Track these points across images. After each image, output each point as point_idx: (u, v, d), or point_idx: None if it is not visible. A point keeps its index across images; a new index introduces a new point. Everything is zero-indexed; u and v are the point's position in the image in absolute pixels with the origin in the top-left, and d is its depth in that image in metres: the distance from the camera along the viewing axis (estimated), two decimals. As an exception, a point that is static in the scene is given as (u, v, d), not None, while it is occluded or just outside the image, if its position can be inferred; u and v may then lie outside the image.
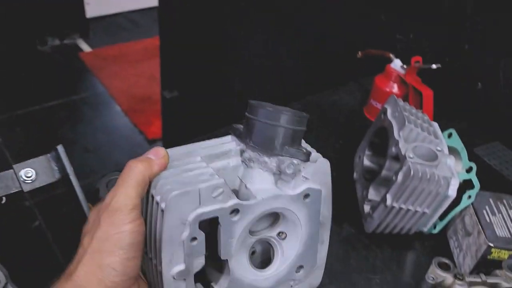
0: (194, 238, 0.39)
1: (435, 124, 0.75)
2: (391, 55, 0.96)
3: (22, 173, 0.49)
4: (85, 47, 3.05)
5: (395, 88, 0.94)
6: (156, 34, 1.91)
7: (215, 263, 0.44)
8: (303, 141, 0.47)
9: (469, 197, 0.67)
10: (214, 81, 1.75)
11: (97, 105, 2.64)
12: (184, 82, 1.90)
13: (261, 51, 1.57)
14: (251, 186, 0.43)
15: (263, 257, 0.48)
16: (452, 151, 0.73)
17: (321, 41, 1.34)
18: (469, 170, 0.70)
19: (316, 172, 0.45)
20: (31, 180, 0.49)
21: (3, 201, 0.50)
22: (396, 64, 0.94)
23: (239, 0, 1.57)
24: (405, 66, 0.93)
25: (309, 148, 0.47)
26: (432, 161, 0.66)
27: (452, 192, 0.65)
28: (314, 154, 0.46)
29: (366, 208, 0.72)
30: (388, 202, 0.65)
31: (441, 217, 0.69)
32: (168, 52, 1.89)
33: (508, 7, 0.92)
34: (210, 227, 0.41)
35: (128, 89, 2.68)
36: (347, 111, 1.02)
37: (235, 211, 0.40)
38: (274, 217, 0.46)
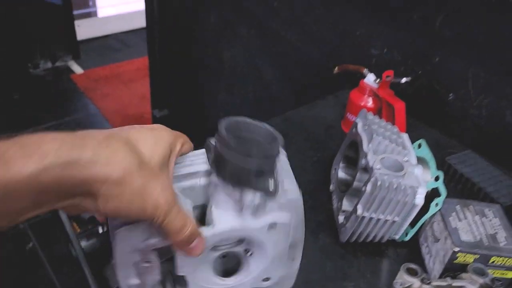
0: (147, 261, 0.41)
1: (404, 136, 0.79)
2: (365, 70, 1.00)
3: None
4: (77, 69, 3.10)
5: (370, 102, 0.98)
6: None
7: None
8: (281, 166, 0.45)
9: (437, 204, 0.70)
10: (201, 97, 1.79)
11: (90, 126, 2.67)
12: (173, 101, 1.94)
13: (243, 67, 1.62)
14: (215, 209, 0.43)
15: (231, 263, 0.48)
16: (422, 161, 0.76)
17: (300, 57, 1.38)
18: (437, 179, 0.73)
19: (287, 202, 0.44)
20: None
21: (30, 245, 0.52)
22: (370, 78, 0.98)
23: (221, 18, 1.62)
24: (378, 81, 0.97)
25: (284, 174, 0.45)
26: (399, 171, 0.69)
27: (419, 200, 0.68)
28: (288, 182, 0.46)
29: (341, 218, 0.75)
30: (359, 211, 0.68)
31: (412, 225, 0.73)
32: (157, 72, 1.93)
33: (472, 20, 0.96)
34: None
35: (120, 109, 2.72)
36: (325, 124, 1.05)
37: None
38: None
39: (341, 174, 0.82)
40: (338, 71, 1.09)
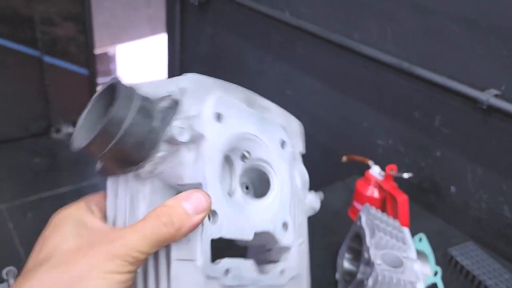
0: None
1: (405, 230, 0.85)
2: (370, 162, 1.08)
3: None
4: (97, 135, 3.23)
5: (375, 193, 1.04)
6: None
7: None
8: None
9: (435, 299, 0.75)
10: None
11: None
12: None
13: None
14: None
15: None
16: (422, 255, 0.81)
17: (307, 139, 1.47)
18: (435, 274, 0.78)
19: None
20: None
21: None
22: (375, 170, 1.05)
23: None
24: (382, 173, 1.04)
25: None
26: (399, 267, 0.74)
27: (418, 295, 0.73)
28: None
29: (345, 308, 0.79)
30: (362, 304, 0.73)
31: (412, 318, 0.76)
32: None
33: (465, 121, 1.05)
34: None
35: (136, 175, 2.80)
36: (333, 210, 1.11)
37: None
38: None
39: (346, 264, 0.88)
40: (346, 160, 1.16)
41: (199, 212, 0.37)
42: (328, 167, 1.41)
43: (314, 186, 1.43)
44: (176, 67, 1.98)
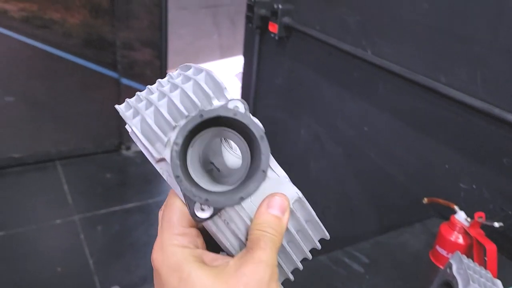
0: None
1: (498, 283, 0.83)
2: (456, 207, 1.06)
3: None
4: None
5: (460, 239, 1.03)
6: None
7: None
8: None
9: None
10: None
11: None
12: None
13: (328, 180, 1.72)
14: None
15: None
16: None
17: (385, 178, 1.47)
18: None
19: None
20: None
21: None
22: (460, 216, 1.04)
23: (311, 133, 1.76)
24: (469, 219, 1.03)
25: None
26: (496, 321, 0.73)
27: None
28: None
29: None
30: None
31: None
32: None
33: None
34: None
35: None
36: (413, 253, 1.10)
37: None
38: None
39: (434, 311, 0.87)
40: (427, 202, 1.16)
41: (284, 212, 0.42)
42: (404, 206, 1.40)
43: (390, 225, 1.44)
44: (250, 97, 2.04)
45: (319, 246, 0.49)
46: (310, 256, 0.48)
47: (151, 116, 0.42)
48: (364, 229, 1.56)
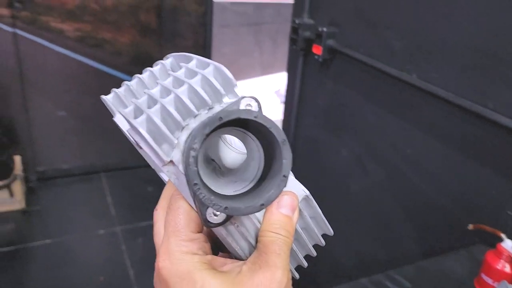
0: None
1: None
2: (503, 235, 1.05)
3: None
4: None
5: (507, 268, 1.01)
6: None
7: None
8: None
9: None
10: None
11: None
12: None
13: (368, 202, 1.72)
14: None
15: None
16: None
17: (426, 202, 1.45)
18: None
19: None
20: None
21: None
22: (508, 244, 1.02)
23: (352, 153, 1.77)
24: (516, 248, 1.01)
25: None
26: None
27: None
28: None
29: None
30: None
31: None
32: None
33: None
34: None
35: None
36: (457, 280, 1.09)
37: None
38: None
39: None
40: (473, 228, 1.14)
41: (294, 211, 0.41)
42: (447, 232, 1.38)
43: (432, 249, 1.42)
44: (292, 116, 2.08)
45: (323, 242, 0.47)
46: (314, 253, 0.47)
47: (157, 115, 0.38)
48: (405, 253, 1.55)
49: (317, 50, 1.78)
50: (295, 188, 0.42)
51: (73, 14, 2.72)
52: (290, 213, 0.40)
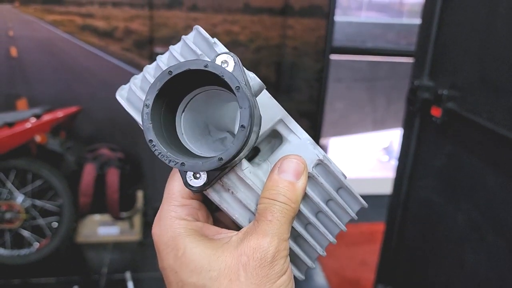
0: None
1: None
2: None
3: None
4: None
5: None
6: (375, 220, 2.11)
7: None
8: None
9: None
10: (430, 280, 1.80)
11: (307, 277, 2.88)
12: (401, 278, 1.99)
13: (487, 277, 1.60)
14: None
15: None
16: None
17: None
18: None
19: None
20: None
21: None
22: None
23: (470, 221, 1.67)
24: None
25: None
26: None
27: None
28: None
29: None
30: None
31: None
32: (392, 245, 2.05)
33: None
34: None
35: (339, 268, 2.87)
36: None
37: None
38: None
39: None
40: None
41: (299, 176, 0.37)
42: None
43: None
44: (405, 177, 2.04)
45: (355, 216, 0.43)
46: (345, 229, 0.42)
47: (137, 84, 0.40)
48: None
49: (436, 112, 1.76)
50: (304, 151, 0.39)
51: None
52: (293, 178, 0.37)
